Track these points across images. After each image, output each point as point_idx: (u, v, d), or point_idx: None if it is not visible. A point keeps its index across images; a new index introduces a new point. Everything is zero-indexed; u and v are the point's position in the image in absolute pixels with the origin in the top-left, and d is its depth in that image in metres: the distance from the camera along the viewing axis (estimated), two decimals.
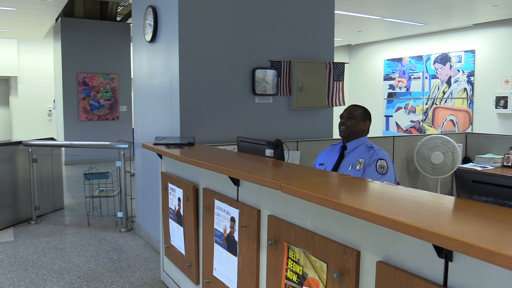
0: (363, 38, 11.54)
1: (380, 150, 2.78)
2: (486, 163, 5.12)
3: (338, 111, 3.81)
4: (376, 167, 2.68)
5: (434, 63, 10.25)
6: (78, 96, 9.68)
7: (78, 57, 9.59)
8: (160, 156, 3.47)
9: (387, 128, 11.57)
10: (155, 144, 3.48)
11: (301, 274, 1.79)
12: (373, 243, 1.48)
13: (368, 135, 3.00)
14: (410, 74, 10.87)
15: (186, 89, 3.87)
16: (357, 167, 2.74)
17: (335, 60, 4.80)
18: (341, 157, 2.91)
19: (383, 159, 2.71)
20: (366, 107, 3.00)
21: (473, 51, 9.43)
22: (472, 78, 9.47)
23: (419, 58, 10.60)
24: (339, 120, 2.97)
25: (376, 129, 11.52)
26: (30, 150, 5.30)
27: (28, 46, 11.95)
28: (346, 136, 2.90)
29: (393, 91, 11.37)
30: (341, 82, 4.81)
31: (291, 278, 1.85)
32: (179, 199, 3.05)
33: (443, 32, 9.98)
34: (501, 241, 1.06)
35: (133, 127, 7.28)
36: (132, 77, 9.77)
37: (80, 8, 9.65)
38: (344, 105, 4.63)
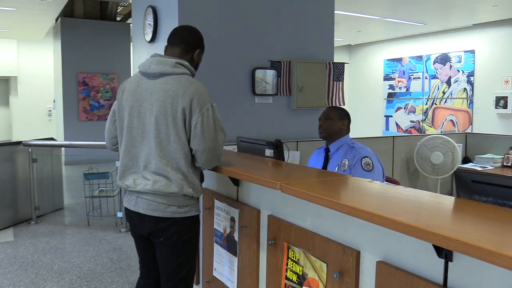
0: (363, 38, 11.54)
1: (362, 148, 2.79)
2: (486, 163, 5.12)
3: None
4: (361, 165, 2.70)
5: (434, 63, 10.25)
6: (78, 96, 9.68)
7: (78, 57, 9.58)
8: None
9: (387, 128, 11.57)
10: None
11: (301, 274, 1.79)
12: (373, 243, 1.48)
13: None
14: (410, 74, 10.88)
15: None
16: (342, 168, 2.76)
17: (335, 60, 4.80)
18: (326, 159, 2.93)
19: (367, 157, 2.73)
20: (345, 109, 3.02)
21: (473, 51, 9.43)
22: (472, 78, 9.47)
23: (419, 58, 10.60)
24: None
25: (376, 129, 11.52)
26: (30, 150, 5.30)
27: (28, 46, 11.95)
28: (326, 137, 2.92)
29: (393, 91, 11.38)
30: (341, 82, 4.81)
31: (291, 278, 1.85)
32: None
33: (443, 32, 9.98)
34: (501, 241, 1.06)
35: None
36: None
37: (80, 8, 9.65)
38: (344, 105, 4.63)
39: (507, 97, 8.74)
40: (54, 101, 11.42)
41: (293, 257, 1.84)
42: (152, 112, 1.98)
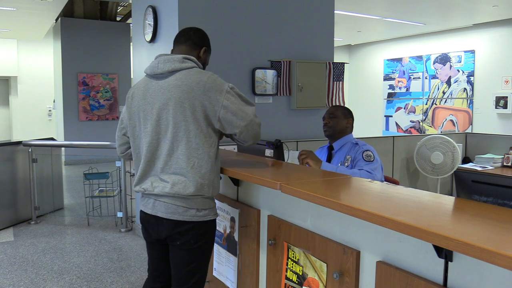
0: (363, 38, 11.53)
1: (366, 145, 2.85)
2: (486, 163, 5.12)
3: None
4: (363, 157, 2.74)
5: (434, 63, 10.25)
6: (78, 96, 9.68)
7: (78, 57, 9.59)
8: None
9: (387, 128, 11.57)
10: None
11: (301, 274, 1.79)
12: (373, 243, 1.48)
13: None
14: (410, 74, 10.87)
15: None
16: (345, 164, 2.79)
17: (335, 60, 4.80)
18: (329, 157, 2.97)
19: (369, 150, 2.79)
20: (348, 107, 3.07)
21: (473, 51, 9.43)
22: (472, 78, 9.47)
23: (419, 58, 10.60)
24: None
25: (376, 129, 11.52)
26: (30, 150, 5.30)
27: (28, 46, 11.95)
28: (331, 135, 2.95)
29: (393, 91, 11.37)
30: (341, 82, 4.81)
31: (291, 278, 1.85)
32: None
33: (443, 32, 9.98)
34: (501, 241, 1.06)
35: None
36: (132, 77, 9.80)
37: (80, 8, 9.65)
38: (344, 105, 4.63)
39: (507, 97, 8.74)
40: (54, 101, 11.42)
41: (293, 257, 1.84)
42: (168, 112, 1.92)
